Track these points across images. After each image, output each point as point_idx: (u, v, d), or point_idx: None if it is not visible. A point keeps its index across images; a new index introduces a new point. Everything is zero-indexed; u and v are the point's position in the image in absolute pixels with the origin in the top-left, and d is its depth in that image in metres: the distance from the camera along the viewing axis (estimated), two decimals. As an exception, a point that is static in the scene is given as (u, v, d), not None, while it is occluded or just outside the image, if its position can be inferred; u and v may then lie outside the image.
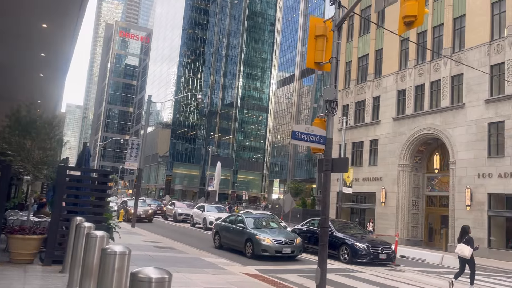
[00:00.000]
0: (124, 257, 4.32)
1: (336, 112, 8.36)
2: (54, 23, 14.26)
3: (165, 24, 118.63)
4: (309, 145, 8.36)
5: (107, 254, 4.28)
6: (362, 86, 33.27)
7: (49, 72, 19.23)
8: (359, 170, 31.80)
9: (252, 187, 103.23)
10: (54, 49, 16.52)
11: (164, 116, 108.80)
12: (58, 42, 15.74)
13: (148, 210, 28.44)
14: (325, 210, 8.08)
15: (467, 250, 11.26)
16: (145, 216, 27.89)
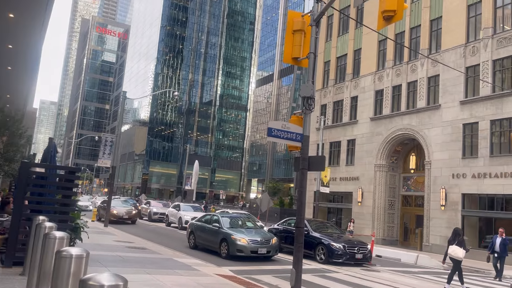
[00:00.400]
0: (81, 260, 3.95)
1: (313, 109, 8.13)
2: (22, 13, 13.54)
3: (143, 21, 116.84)
4: (285, 142, 8.11)
5: (62, 257, 3.91)
6: (340, 86, 33.35)
7: (17, 65, 18.36)
8: (337, 169, 31.87)
9: (230, 186, 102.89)
10: (22, 41, 15.73)
11: (142, 114, 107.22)
12: (26, 33, 14.98)
13: (131, 211, 26.09)
14: (301, 210, 7.84)
15: (461, 251, 11.54)
16: (128, 217, 25.58)
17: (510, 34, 22.01)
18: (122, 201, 30.49)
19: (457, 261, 11.65)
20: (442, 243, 23.59)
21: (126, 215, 25.49)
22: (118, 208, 25.59)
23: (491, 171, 21.71)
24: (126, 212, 25.60)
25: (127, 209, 26.06)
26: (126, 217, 25.51)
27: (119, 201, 29.67)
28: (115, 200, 27.61)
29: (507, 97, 21.55)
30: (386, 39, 29.73)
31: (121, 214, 25.25)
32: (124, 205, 27.35)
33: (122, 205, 26.92)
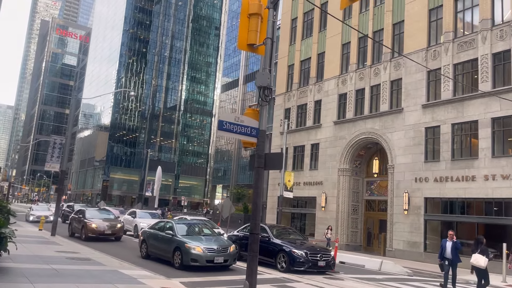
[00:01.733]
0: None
1: (269, 100, 7.28)
2: None
3: (105, 23, 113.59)
4: (239, 137, 7.21)
5: None
6: (304, 89, 32.92)
7: None
8: (300, 174, 31.29)
9: (194, 193, 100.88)
10: None
11: (103, 119, 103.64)
12: None
13: (115, 224, 20.56)
14: (256, 214, 6.94)
15: (483, 260, 11.50)
16: (112, 233, 20.20)
17: (470, 38, 22.16)
18: (100, 210, 24.27)
19: (480, 270, 11.71)
20: (405, 248, 23.36)
21: (109, 230, 20.07)
22: (98, 221, 20.17)
23: (453, 174, 21.66)
24: (109, 226, 20.15)
25: (111, 222, 20.51)
26: (109, 232, 20.09)
27: (96, 211, 23.38)
28: (91, 210, 22.56)
29: (468, 100, 21.62)
30: (350, 43, 29.58)
31: (102, 229, 19.86)
32: (105, 215, 21.76)
33: (102, 216, 21.33)
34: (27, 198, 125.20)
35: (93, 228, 19.74)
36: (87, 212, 21.28)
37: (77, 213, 22.16)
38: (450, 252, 12.76)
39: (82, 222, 20.39)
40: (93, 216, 20.81)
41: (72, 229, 21.66)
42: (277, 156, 7.30)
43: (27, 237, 18.44)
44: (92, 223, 19.89)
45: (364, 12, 28.97)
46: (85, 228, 19.87)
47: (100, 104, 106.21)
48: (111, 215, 22.44)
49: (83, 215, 20.90)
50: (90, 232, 19.66)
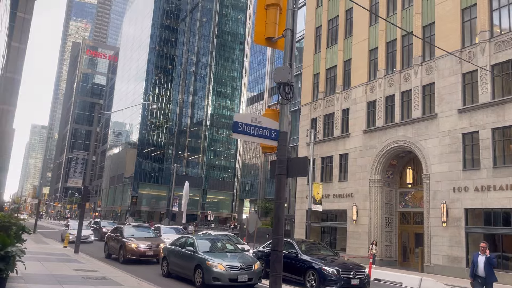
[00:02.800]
0: None
1: (291, 98, 6.40)
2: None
3: (132, 42, 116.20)
4: (257, 140, 6.35)
5: None
6: (330, 98, 31.87)
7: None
8: (329, 186, 30.06)
9: (222, 208, 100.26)
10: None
11: (132, 136, 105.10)
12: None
13: (158, 244, 17.74)
14: (278, 227, 6.02)
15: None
16: (154, 254, 17.48)
17: (508, 37, 20.70)
18: (140, 228, 21.77)
19: None
20: (445, 263, 21.71)
21: (150, 250, 17.43)
22: (138, 241, 17.80)
23: (496, 183, 20.03)
24: (150, 246, 17.54)
25: (152, 242, 17.94)
26: (151, 253, 17.42)
27: (135, 228, 20.84)
28: (129, 228, 20.29)
29: (509, 103, 20.07)
30: (377, 48, 28.46)
31: (143, 250, 17.34)
32: (146, 234, 19.38)
33: (142, 235, 19.01)
34: (59, 215, 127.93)
35: (132, 249, 17.29)
36: (125, 230, 19.00)
37: (114, 231, 19.88)
38: (483, 269, 10.93)
39: (120, 241, 17.94)
40: (132, 235, 18.53)
41: (109, 249, 19.55)
42: (301, 161, 6.40)
43: (49, 255, 18.05)
44: (131, 243, 17.46)
45: (391, 15, 27.85)
46: (124, 249, 17.44)
47: (128, 122, 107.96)
48: (152, 233, 20.30)
49: (120, 234, 18.54)
50: (130, 253, 17.24)
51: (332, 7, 33.34)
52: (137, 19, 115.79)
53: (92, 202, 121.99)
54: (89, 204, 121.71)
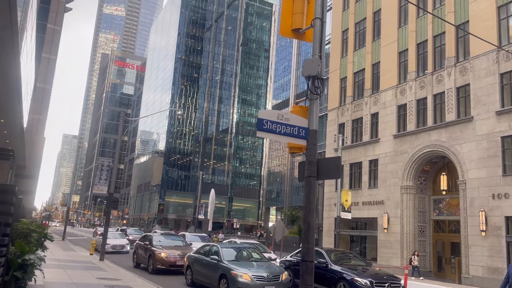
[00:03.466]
0: None
1: (322, 93, 5.81)
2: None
3: (159, 52, 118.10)
4: (283, 139, 5.78)
5: None
6: (358, 102, 30.97)
7: (6, 117, 17.52)
8: (358, 193, 29.07)
9: (248, 215, 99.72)
10: None
11: (159, 145, 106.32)
12: None
13: (188, 253, 15.96)
14: (308, 235, 5.41)
15: None
16: None
17: (550, 34, 19.46)
18: (169, 236, 21.02)
19: None
20: (484, 275, 20.40)
21: (181, 260, 16.25)
22: (168, 250, 17.02)
23: (539, 189, 18.71)
24: (181, 255, 16.51)
25: (183, 251, 17.05)
26: (182, 262, 16.06)
27: (165, 236, 20.03)
28: (158, 236, 19.56)
29: (552, 103, 18.79)
30: (407, 50, 27.46)
31: (174, 259, 16.45)
32: (176, 242, 18.62)
33: (172, 243, 18.23)
34: (89, 223, 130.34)
35: (162, 258, 16.47)
36: (155, 238, 18.22)
37: (142, 239, 19.16)
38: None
39: (149, 250, 17.22)
40: (161, 243, 17.78)
41: (137, 258, 18.88)
42: (333, 161, 5.78)
43: (73, 262, 17.92)
44: (161, 252, 16.68)
45: (422, 16, 26.85)
46: (153, 258, 16.62)
47: (155, 131, 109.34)
48: (182, 241, 19.48)
49: (149, 242, 17.77)
50: (159, 262, 16.45)
51: (359, 10, 32.56)
52: (163, 30, 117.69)
53: (120, 210, 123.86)
54: (118, 212, 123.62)
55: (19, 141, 28.35)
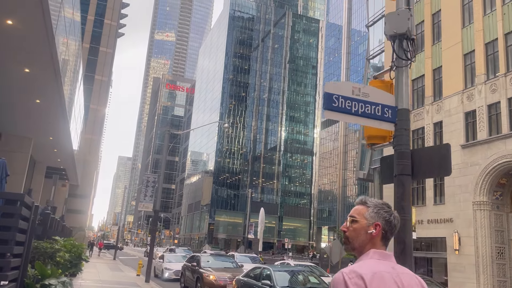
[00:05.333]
0: None
1: (414, 57, 4.17)
2: (34, 66, 12.83)
3: (207, 73, 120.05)
4: (361, 122, 4.16)
5: None
6: (419, 111, 28.47)
7: (49, 117, 17.69)
8: (422, 210, 26.34)
9: (299, 235, 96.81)
10: (44, 94, 15.17)
11: (209, 164, 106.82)
12: (45, 87, 14.43)
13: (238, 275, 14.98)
14: (405, 258, 3.70)
15: None
16: None
17: None
18: (219, 257, 19.66)
19: None
20: None
21: (231, 283, 14.83)
22: (217, 272, 15.78)
23: None
24: (231, 278, 15.12)
25: (233, 273, 15.73)
26: None
27: (214, 257, 18.75)
28: (207, 256, 18.43)
29: None
30: (473, 51, 24.89)
31: (224, 282, 15.09)
32: (226, 264, 17.42)
33: (222, 265, 17.03)
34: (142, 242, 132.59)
35: (211, 281, 15.08)
36: (203, 259, 16.94)
37: (190, 260, 17.93)
38: None
39: (197, 272, 15.87)
40: (210, 264, 16.62)
41: (185, 281, 17.50)
42: (438, 151, 4.06)
43: (117, 284, 16.94)
44: (209, 274, 15.34)
45: (489, 13, 24.29)
46: (201, 281, 15.32)
47: (204, 151, 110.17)
48: (233, 262, 18.19)
49: (197, 263, 16.49)
50: (208, 286, 15.14)
51: (416, 13, 30.32)
52: (211, 51, 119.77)
53: (172, 229, 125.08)
54: (169, 231, 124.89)
55: (70, 160, 28.56)
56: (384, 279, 1.80)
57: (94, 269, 24.16)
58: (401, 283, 1.83)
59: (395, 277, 1.84)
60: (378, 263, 1.88)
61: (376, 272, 1.81)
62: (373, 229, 1.96)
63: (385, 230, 1.97)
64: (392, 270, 1.86)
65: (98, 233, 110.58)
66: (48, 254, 7.41)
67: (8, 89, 14.91)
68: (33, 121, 18.74)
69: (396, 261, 2.06)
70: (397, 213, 2.08)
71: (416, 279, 1.91)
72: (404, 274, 1.89)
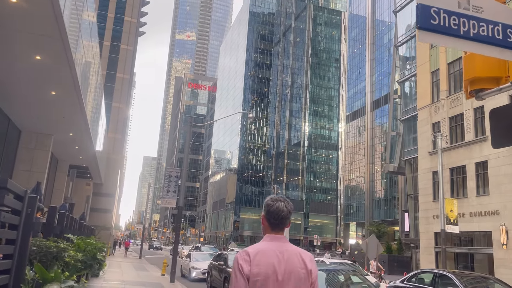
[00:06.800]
0: None
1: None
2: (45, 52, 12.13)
3: (229, 70, 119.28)
4: (470, 48, 2.77)
5: None
6: (456, 97, 26.54)
7: (66, 110, 17.44)
8: (463, 202, 24.47)
9: (326, 232, 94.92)
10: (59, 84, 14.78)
11: (233, 162, 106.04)
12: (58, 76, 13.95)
13: None
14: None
15: None
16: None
17: None
18: None
19: None
20: None
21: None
22: None
23: None
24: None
25: None
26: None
27: None
28: (234, 254, 16.18)
29: None
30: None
31: None
32: None
33: None
34: (168, 241, 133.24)
35: None
36: (230, 257, 15.45)
37: (216, 259, 16.69)
38: None
39: (224, 272, 14.78)
40: None
41: (211, 281, 16.38)
42: None
43: (140, 285, 15.95)
44: None
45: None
46: (229, 282, 14.08)
47: (227, 149, 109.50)
48: None
49: (224, 262, 15.26)
50: None
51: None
52: (232, 48, 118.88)
53: (197, 227, 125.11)
54: (195, 229, 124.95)
55: (92, 158, 27.95)
56: (266, 253, 2.41)
57: (118, 268, 23.38)
58: (282, 256, 2.41)
59: (278, 253, 2.42)
60: (266, 243, 2.48)
61: (260, 249, 2.44)
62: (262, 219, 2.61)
63: (268, 218, 2.55)
64: (277, 247, 2.44)
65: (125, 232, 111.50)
66: (52, 254, 6.33)
67: (21, 80, 14.12)
68: (51, 115, 18.01)
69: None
70: None
71: (297, 255, 2.46)
72: (288, 251, 2.46)
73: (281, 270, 2.36)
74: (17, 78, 13.88)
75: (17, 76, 13.68)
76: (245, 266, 2.36)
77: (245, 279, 2.35)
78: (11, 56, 12.21)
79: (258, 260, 2.36)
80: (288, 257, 2.40)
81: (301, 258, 2.45)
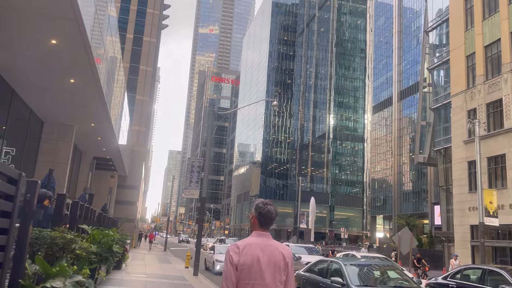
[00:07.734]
0: None
1: None
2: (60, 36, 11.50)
3: (252, 62, 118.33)
4: None
5: None
6: (494, 81, 24.92)
7: (86, 99, 17.10)
8: (503, 193, 22.99)
9: (352, 225, 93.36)
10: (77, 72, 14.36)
11: (257, 155, 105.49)
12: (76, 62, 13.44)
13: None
14: None
15: None
16: None
17: None
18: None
19: None
20: None
21: None
22: None
23: None
24: None
25: None
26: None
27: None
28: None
29: None
30: None
31: None
32: None
33: None
34: (194, 234, 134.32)
35: None
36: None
37: None
38: None
39: None
40: None
41: None
42: None
43: (163, 278, 15.44)
44: None
45: None
46: None
47: (251, 142, 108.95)
48: None
49: None
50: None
51: (486, -31, 26.62)
52: (255, 40, 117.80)
53: (222, 220, 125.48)
54: (220, 222, 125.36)
55: (116, 150, 27.71)
56: (253, 246, 2.91)
57: (141, 261, 23.08)
58: (266, 250, 2.91)
59: (262, 247, 2.92)
60: (254, 238, 2.98)
61: (248, 243, 2.94)
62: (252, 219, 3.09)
63: (259, 218, 3.04)
64: (262, 242, 2.95)
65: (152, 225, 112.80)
66: (58, 245, 5.72)
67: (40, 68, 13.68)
68: (71, 105, 17.63)
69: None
70: None
71: (279, 249, 2.96)
72: (271, 245, 2.96)
73: (264, 260, 2.87)
74: (35, 65, 13.45)
75: (34, 63, 13.25)
76: (235, 257, 2.88)
77: (234, 268, 2.85)
78: (27, 41, 11.73)
79: (245, 252, 2.88)
80: (271, 251, 2.92)
81: (281, 253, 2.96)
